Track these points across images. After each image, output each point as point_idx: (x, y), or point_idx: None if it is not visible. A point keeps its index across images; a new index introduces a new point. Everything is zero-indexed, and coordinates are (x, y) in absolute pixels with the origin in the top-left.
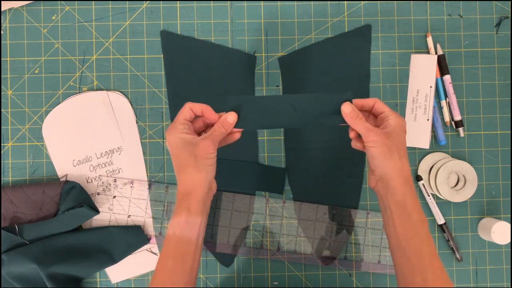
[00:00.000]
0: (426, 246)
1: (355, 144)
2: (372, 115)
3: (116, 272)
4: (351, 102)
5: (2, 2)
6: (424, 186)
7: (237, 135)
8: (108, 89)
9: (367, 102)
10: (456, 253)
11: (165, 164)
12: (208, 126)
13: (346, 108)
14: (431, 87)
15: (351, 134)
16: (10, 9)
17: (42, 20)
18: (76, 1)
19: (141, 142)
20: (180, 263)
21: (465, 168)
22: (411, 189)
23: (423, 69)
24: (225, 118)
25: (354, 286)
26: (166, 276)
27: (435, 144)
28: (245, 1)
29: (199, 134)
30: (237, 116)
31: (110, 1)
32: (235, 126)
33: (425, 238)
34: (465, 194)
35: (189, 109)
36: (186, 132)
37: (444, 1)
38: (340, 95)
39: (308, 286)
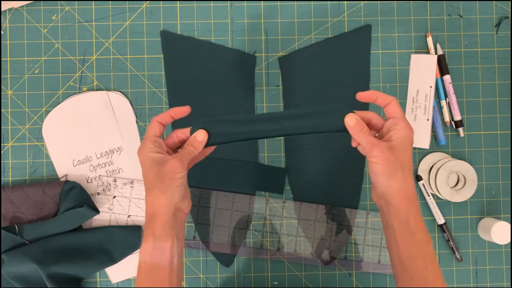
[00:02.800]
0: (431, 267)
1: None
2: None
3: (116, 272)
4: (350, 110)
5: (2, 2)
6: (424, 186)
7: (208, 151)
8: (108, 89)
9: (382, 99)
10: (456, 253)
11: None
12: (184, 142)
13: (351, 120)
14: (431, 87)
15: (354, 143)
16: (10, 9)
17: (42, 20)
18: (76, 1)
19: (141, 142)
20: None
21: (465, 168)
22: (415, 208)
23: (423, 69)
24: (194, 137)
25: (354, 286)
26: None
27: (435, 144)
28: (245, 1)
29: (175, 151)
30: (207, 134)
31: (110, 1)
32: (209, 145)
33: (429, 259)
34: (465, 194)
35: (157, 123)
36: (154, 150)
37: (444, 1)
38: (334, 107)
39: (308, 286)
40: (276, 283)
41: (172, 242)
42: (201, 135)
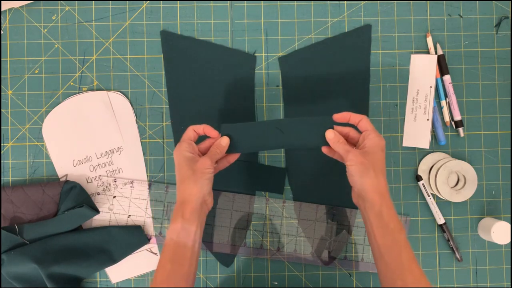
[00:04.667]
0: (405, 252)
1: (328, 153)
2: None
3: (116, 272)
4: (332, 125)
5: (2, 2)
6: (424, 186)
7: (232, 158)
8: (108, 89)
9: (354, 118)
10: (456, 253)
11: (165, 164)
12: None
13: (329, 135)
14: (431, 87)
15: (324, 149)
16: (10, 9)
17: (42, 20)
18: (76, 1)
19: (141, 142)
20: (178, 266)
21: (465, 168)
22: (387, 202)
23: (423, 69)
24: (219, 142)
25: (354, 286)
26: (165, 278)
27: (435, 144)
28: (245, 1)
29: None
30: (229, 140)
31: (110, 1)
32: (230, 150)
33: (403, 245)
34: (465, 194)
35: (192, 130)
36: (189, 150)
37: (444, 1)
38: (322, 118)
39: (308, 286)
40: (276, 283)
41: (197, 227)
42: (224, 141)
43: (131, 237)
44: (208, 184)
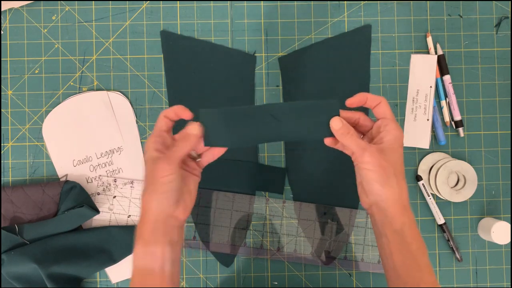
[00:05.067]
0: (427, 277)
1: (332, 143)
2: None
3: (116, 272)
4: (338, 110)
5: (2, 2)
6: (424, 186)
7: (217, 152)
8: (108, 89)
9: (372, 101)
10: (456, 253)
11: None
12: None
13: (336, 124)
14: (431, 87)
15: (327, 141)
16: (10, 9)
17: (42, 20)
18: (76, 1)
19: (141, 142)
20: None
21: (465, 168)
22: (410, 217)
23: (423, 69)
24: (186, 130)
25: (354, 286)
26: None
27: (435, 144)
28: (245, 1)
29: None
30: (199, 127)
31: (110, 1)
32: (210, 143)
33: (425, 270)
34: (465, 194)
35: (163, 117)
36: (155, 148)
37: (444, 1)
38: (326, 103)
39: (308, 286)
40: (276, 283)
41: (163, 247)
42: (193, 129)
43: (131, 237)
44: (169, 197)
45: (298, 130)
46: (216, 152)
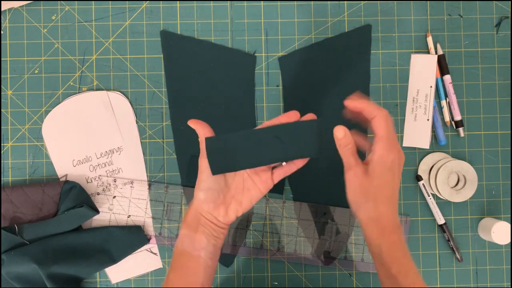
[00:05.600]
0: None
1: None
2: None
3: (116, 272)
4: (321, 128)
5: (2, 2)
6: (424, 186)
7: (289, 169)
8: (108, 89)
9: (369, 111)
10: (456, 253)
11: (165, 164)
12: None
13: (339, 133)
14: (431, 87)
15: (348, 114)
16: (10, 9)
17: (42, 20)
18: (76, 1)
19: (141, 142)
20: (179, 277)
21: (465, 168)
22: (389, 239)
23: (423, 69)
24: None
25: (354, 286)
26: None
27: (435, 144)
28: (245, 1)
29: None
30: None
31: (110, 1)
32: (218, 172)
33: None
34: (465, 194)
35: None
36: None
37: (444, 1)
38: (316, 121)
39: (308, 286)
40: (276, 283)
41: (201, 236)
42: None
43: (131, 237)
44: (206, 194)
45: (297, 148)
46: (288, 169)
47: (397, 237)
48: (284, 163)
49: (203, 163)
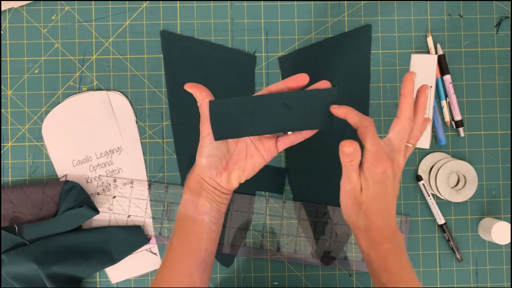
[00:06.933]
0: None
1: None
2: None
3: (116, 272)
4: (335, 97)
5: (2, 2)
6: (424, 186)
7: (295, 139)
8: (108, 89)
9: (352, 120)
10: (456, 253)
11: (165, 164)
12: None
13: (348, 149)
14: (431, 87)
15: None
16: (10, 9)
17: (42, 20)
18: (76, 1)
19: (141, 142)
20: (182, 242)
21: (465, 168)
22: (379, 251)
23: (423, 69)
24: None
25: (354, 286)
26: (170, 253)
27: (435, 144)
28: (245, 1)
29: None
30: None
31: (110, 1)
32: (221, 137)
33: None
34: (465, 194)
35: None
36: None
37: (444, 1)
38: (326, 90)
39: (308, 286)
40: (276, 283)
41: (204, 201)
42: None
43: (131, 237)
44: (207, 160)
45: (307, 118)
46: (294, 138)
47: (390, 246)
48: (290, 132)
49: (205, 129)
